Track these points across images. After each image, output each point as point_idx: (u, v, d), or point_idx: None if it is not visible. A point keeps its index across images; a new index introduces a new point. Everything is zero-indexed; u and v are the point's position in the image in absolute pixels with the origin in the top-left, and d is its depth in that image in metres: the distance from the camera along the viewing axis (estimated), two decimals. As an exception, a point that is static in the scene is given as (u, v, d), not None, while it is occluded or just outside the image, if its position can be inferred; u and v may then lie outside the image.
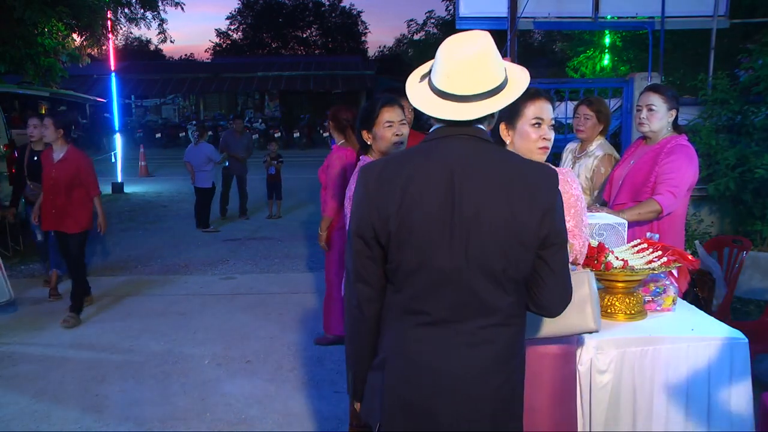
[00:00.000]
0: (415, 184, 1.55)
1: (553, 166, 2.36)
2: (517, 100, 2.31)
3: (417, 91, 1.67)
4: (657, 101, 3.25)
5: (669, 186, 3.15)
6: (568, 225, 2.20)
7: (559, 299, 1.65)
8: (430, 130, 1.67)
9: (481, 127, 1.63)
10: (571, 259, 2.21)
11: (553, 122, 2.28)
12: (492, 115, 1.66)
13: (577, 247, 2.23)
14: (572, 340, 2.33)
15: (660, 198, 3.14)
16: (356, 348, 1.74)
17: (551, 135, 2.27)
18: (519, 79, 1.67)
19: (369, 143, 2.92)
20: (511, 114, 2.26)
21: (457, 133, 1.61)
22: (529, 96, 2.25)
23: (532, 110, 2.26)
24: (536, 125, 2.25)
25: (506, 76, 1.64)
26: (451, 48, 1.59)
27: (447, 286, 1.56)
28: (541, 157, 2.22)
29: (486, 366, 1.59)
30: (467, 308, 1.57)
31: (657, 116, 3.26)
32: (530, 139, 2.24)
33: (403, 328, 1.63)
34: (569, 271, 1.67)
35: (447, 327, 1.59)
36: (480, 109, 1.58)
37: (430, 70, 1.66)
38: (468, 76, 1.57)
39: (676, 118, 3.32)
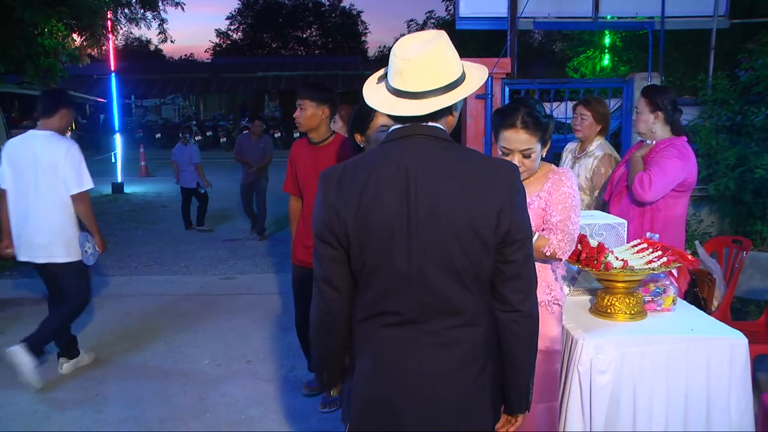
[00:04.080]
0: (372, 187, 1.56)
1: (554, 165, 2.37)
2: (494, 123, 2.33)
3: (373, 92, 1.67)
4: (641, 104, 3.34)
5: (652, 170, 3.15)
6: (553, 219, 2.21)
7: (525, 295, 1.64)
8: (388, 131, 1.66)
9: (438, 126, 1.62)
10: (548, 254, 2.21)
11: (533, 151, 2.23)
12: (451, 113, 1.65)
13: (554, 242, 2.20)
14: (556, 341, 2.33)
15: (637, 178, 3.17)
16: (325, 351, 1.75)
17: (527, 162, 2.25)
18: (475, 75, 1.66)
19: (362, 146, 2.90)
20: (494, 137, 2.28)
21: (413, 133, 1.60)
22: (501, 123, 2.25)
23: (501, 138, 2.27)
24: (505, 155, 2.26)
25: (463, 72, 1.63)
26: (402, 47, 1.59)
27: (410, 287, 1.56)
28: None
29: (453, 367, 1.59)
30: (432, 308, 1.58)
31: (641, 119, 3.34)
32: None
33: (371, 330, 1.64)
34: (534, 267, 1.66)
35: (413, 327, 1.59)
36: (433, 104, 1.56)
37: (387, 72, 1.65)
38: (420, 72, 1.56)
39: (671, 119, 3.30)
